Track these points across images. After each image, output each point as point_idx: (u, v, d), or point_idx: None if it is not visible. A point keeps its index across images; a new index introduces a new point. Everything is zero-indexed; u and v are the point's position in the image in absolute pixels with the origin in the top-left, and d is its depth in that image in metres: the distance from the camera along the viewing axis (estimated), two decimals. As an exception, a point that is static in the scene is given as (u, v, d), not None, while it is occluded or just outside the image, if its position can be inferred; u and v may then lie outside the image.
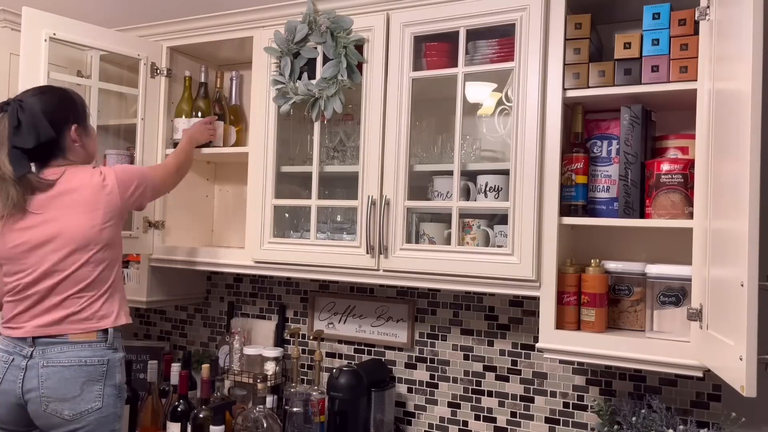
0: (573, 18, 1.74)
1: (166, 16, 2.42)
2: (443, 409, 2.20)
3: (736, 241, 1.18)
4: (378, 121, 1.93)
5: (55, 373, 1.73)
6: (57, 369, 1.73)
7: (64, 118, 1.83)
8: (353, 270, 1.98)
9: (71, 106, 1.87)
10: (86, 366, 1.75)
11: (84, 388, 1.74)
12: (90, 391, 1.74)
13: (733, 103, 1.25)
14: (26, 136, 1.75)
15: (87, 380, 1.75)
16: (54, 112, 1.80)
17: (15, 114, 1.75)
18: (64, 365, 1.74)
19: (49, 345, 1.75)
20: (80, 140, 1.87)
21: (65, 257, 1.77)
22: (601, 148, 1.81)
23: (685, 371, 1.57)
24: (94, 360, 1.77)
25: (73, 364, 1.74)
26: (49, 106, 1.80)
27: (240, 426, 2.14)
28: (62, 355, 1.74)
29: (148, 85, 2.35)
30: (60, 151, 1.84)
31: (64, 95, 1.88)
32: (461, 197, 1.86)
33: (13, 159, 1.73)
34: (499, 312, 2.13)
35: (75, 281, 1.78)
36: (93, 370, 1.76)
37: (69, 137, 1.84)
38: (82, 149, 1.88)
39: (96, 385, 1.76)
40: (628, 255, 1.86)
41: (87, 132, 1.91)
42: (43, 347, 1.75)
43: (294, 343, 2.39)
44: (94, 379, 1.76)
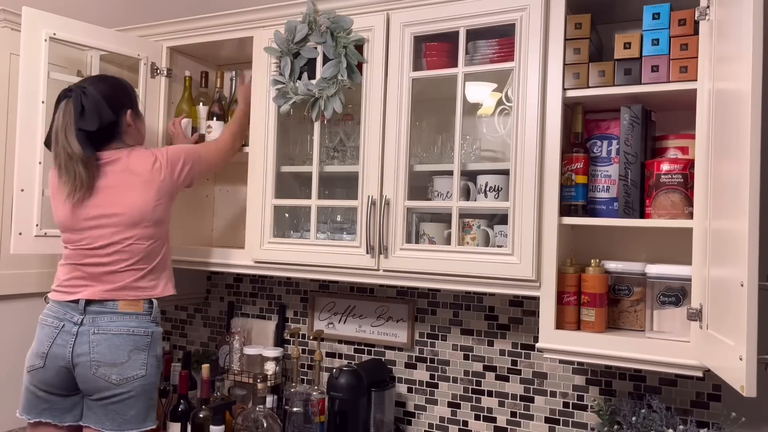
0: (573, 18, 1.74)
1: (166, 16, 2.43)
2: (443, 409, 2.20)
3: (736, 241, 1.18)
4: (378, 121, 1.93)
5: (105, 339, 1.83)
6: (107, 336, 1.84)
7: (121, 103, 1.96)
8: (353, 270, 1.98)
9: (126, 93, 2.01)
10: (133, 335, 1.87)
11: (131, 356, 1.85)
12: (136, 359, 1.86)
13: (733, 103, 1.25)
14: (90, 119, 1.86)
15: (134, 348, 1.86)
16: (113, 98, 1.93)
17: (79, 100, 1.87)
18: (114, 333, 1.85)
19: (99, 314, 1.86)
20: (134, 124, 2.00)
21: (121, 231, 1.89)
22: (601, 148, 1.81)
23: (685, 371, 1.57)
24: (140, 330, 1.88)
25: (122, 332, 1.85)
26: (109, 92, 1.93)
27: (240, 426, 2.14)
28: (112, 324, 1.85)
29: (148, 85, 2.35)
30: (118, 134, 1.96)
31: (120, 83, 2.02)
32: (461, 197, 1.86)
33: (81, 140, 1.85)
34: (499, 312, 2.13)
35: (129, 254, 1.89)
36: (139, 340, 1.87)
37: (125, 121, 1.97)
38: (136, 132, 2.02)
39: (141, 354, 1.87)
40: (628, 255, 1.86)
41: (139, 116, 2.04)
42: (93, 315, 1.86)
43: (294, 343, 2.39)
44: (140, 348, 1.87)
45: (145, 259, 1.92)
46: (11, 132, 2.18)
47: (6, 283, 2.34)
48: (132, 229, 1.90)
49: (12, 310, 2.37)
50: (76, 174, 1.85)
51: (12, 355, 2.32)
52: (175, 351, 2.76)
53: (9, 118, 2.26)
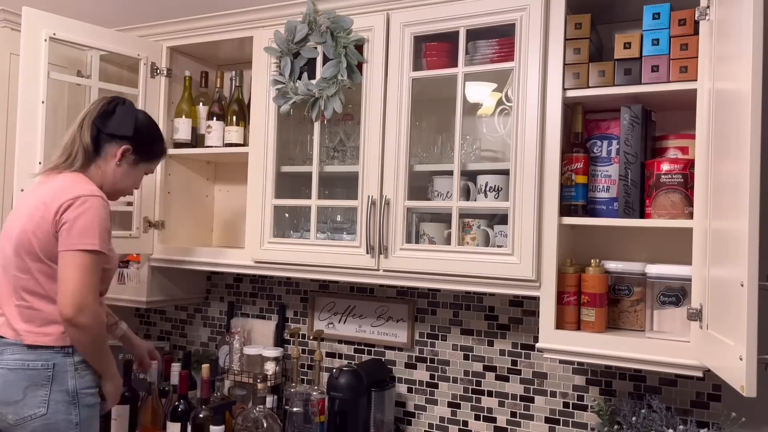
0: (573, 18, 1.74)
1: (166, 16, 2.42)
2: (443, 409, 2.20)
3: (736, 241, 1.18)
4: (378, 121, 1.93)
5: (1, 375, 1.68)
6: (3, 372, 1.68)
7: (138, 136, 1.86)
8: (353, 270, 1.98)
9: (152, 139, 1.92)
10: (28, 370, 1.68)
11: (27, 393, 1.67)
12: (33, 396, 1.67)
13: (733, 103, 1.25)
14: (111, 122, 1.82)
15: (30, 384, 1.67)
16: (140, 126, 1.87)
17: (115, 104, 1.85)
18: (9, 368, 1.68)
19: (8, 346, 1.71)
20: (120, 160, 1.84)
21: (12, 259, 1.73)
22: (601, 148, 1.81)
23: (685, 371, 1.57)
24: (38, 364, 1.68)
25: (18, 367, 1.68)
26: (142, 121, 1.89)
27: (240, 426, 2.14)
28: (11, 357, 1.69)
29: (148, 85, 2.35)
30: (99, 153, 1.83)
31: (156, 130, 1.96)
32: (461, 197, 1.86)
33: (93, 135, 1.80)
34: (499, 312, 2.13)
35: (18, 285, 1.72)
36: (35, 375, 1.68)
37: (116, 149, 1.83)
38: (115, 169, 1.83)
39: (40, 390, 1.68)
40: (628, 255, 1.86)
41: (133, 165, 1.87)
42: (2, 347, 1.71)
43: (294, 343, 2.39)
44: (37, 384, 1.68)
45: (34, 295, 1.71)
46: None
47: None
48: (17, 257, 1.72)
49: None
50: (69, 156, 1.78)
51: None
52: (175, 351, 2.76)
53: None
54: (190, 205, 2.56)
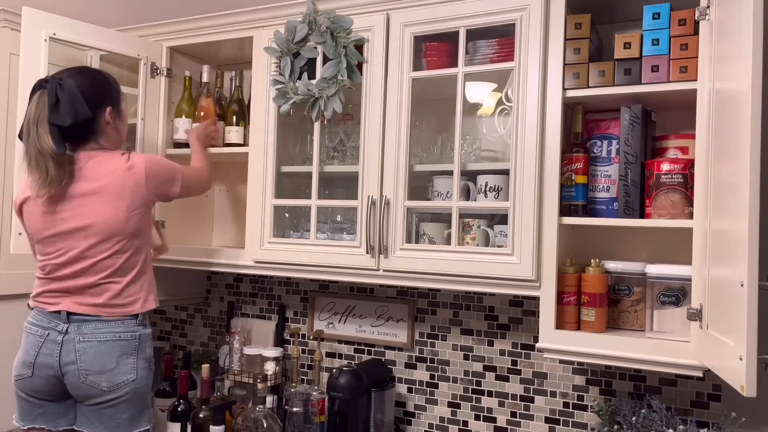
0: (573, 18, 1.74)
1: (166, 16, 2.42)
2: (443, 409, 2.20)
3: (736, 241, 1.18)
4: (378, 121, 1.93)
5: (91, 347, 1.79)
6: (93, 344, 1.80)
7: (100, 99, 1.85)
8: (353, 270, 1.98)
9: (107, 88, 1.90)
10: (120, 341, 1.82)
11: (120, 361, 1.81)
12: (125, 363, 1.82)
13: (733, 103, 1.25)
14: (64, 113, 1.75)
15: (122, 354, 1.82)
16: (91, 92, 1.83)
17: (54, 91, 1.76)
18: (99, 340, 1.80)
19: (83, 322, 1.81)
20: (113, 122, 1.89)
21: (92, 246, 1.81)
22: (601, 148, 1.81)
23: (685, 371, 1.57)
24: (127, 335, 1.83)
25: (108, 339, 1.81)
26: (87, 86, 1.82)
27: (240, 426, 2.14)
28: (97, 331, 1.81)
29: (148, 85, 2.36)
30: (93, 133, 1.86)
31: (101, 77, 1.91)
32: (461, 197, 1.86)
33: (53, 136, 1.74)
34: (499, 312, 2.13)
35: (103, 268, 1.82)
36: (127, 345, 1.83)
37: (103, 119, 1.86)
38: (115, 132, 1.91)
39: (130, 358, 1.83)
40: (628, 255, 1.86)
41: (120, 115, 1.93)
42: (77, 323, 1.81)
43: (294, 343, 2.39)
44: (128, 353, 1.83)
45: (119, 273, 1.83)
46: (11, 132, 2.18)
47: (6, 283, 2.34)
48: (103, 242, 1.80)
49: (12, 310, 2.36)
50: (47, 172, 1.73)
51: (11, 355, 2.31)
52: (175, 351, 2.76)
53: (9, 118, 2.26)
54: (190, 205, 2.55)
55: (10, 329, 2.36)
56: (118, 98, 1.93)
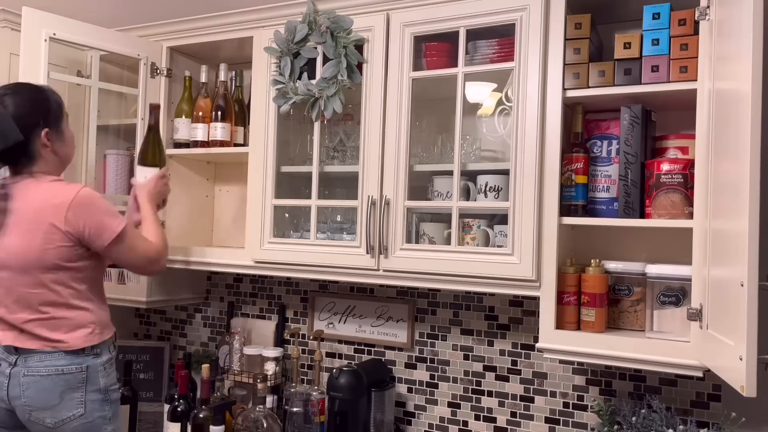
0: (573, 18, 1.74)
1: (166, 16, 2.42)
2: (443, 409, 2.20)
3: (736, 241, 1.18)
4: (378, 121, 1.93)
5: (34, 382, 1.71)
6: (36, 378, 1.71)
7: (34, 122, 1.74)
8: (353, 270, 1.98)
9: (43, 108, 1.77)
10: (63, 375, 1.72)
11: (63, 397, 1.71)
12: (70, 398, 1.72)
13: (733, 103, 1.25)
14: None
15: (66, 388, 1.72)
16: (24, 116, 1.72)
17: None
18: (42, 375, 1.71)
19: (31, 353, 1.72)
20: (51, 145, 1.78)
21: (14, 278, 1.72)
22: (601, 148, 1.81)
23: (685, 371, 1.57)
24: (72, 368, 1.73)
25: (51, 373, 1.71)
26: (20, 109, 1.72)
27: (240, 426, 2.14)
28: (41, 364, 1.72)
29: (148, 85, 2.36)
30: (27, 158, 1.76)
31: (37, 96, 1.78)
32: (461, 197, 1.86)
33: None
34: (499, 312, 2.13)
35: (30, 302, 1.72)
36: (71, 378, 1.73)
37: (39, 142, 1.75)
38: (53, 155, 1.80)
39: (76, 393, 1.73)
40: (628, 255, 1.86)
41: (60, 136, 1.81)
42: (25, 356, 1.73)
43: (294, 343, 2.39)
44: (73, 387, 1.73)
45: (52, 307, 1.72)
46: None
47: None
48: (23, 276, 1.71)
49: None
50: None
51: None
52: (175, 351, 2.76)
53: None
54: (190, 205, 2.56)
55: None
56: (57, 118, 1.80)
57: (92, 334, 1.78)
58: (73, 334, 1.75)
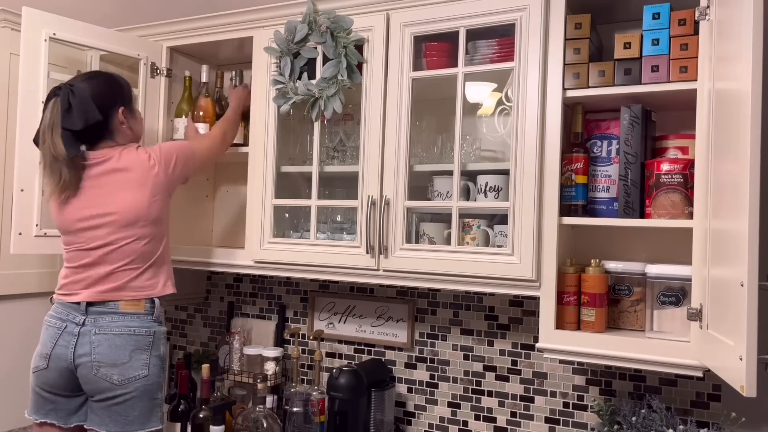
0: (573, 18, 1.74)
1: (166, 16, 2.42)
2: (443, 409, 2.20)
3: (736, 241, 1.19)
4: (378, 121, 1.93)
5: (106, 340, 1.82)
6: (108, 336, 1.82)
7: (111, 102, 1.92)
8: (353, 270, 1.98)
9: (118, 90, 1.96)
10: (135, 335, 1.85)
11: (132, 356, 1.83)
12: (138, 359, 1.84)
13: (733, 103, 1.25)
14: (76, 118, 1.83)
15: (135, 348, 1.84)
16: (102, 96, 1.89)
17: (66, 98, 1.83)
18: (114, 333, 1.83)
19: (100, 314, 1.84)
20: (127, 122, 1.95)
21: (115, 232, 1.86)
22: (601, 148, 1.81)
23: (685, 371, 1.57)
24: (142, 330, 1.86)
25: (123, 332, 1.84)
26: (98, 90, 1.90)
27: (240, 426, 2.15)
28: (113, 324, 1.84)
29: (148, 85, 2.35)
30: (108, 133, 1.92)
31: (112, 79, 1.98)
32: (461, 197, 1.86)
33: (66, 141, 1.82)
34: (499, 312, 2.13)
35: (124, 254, 1.87)
36: (141, 340, 1.86)
37: (116, 119, 1.93)
38: (129, 130, 1.97)
39: (143, 354, 1.85)
40: (628, 255, 1.86)
41: (133, 114, 2.00)
42: (95, 316, 1.84)
43: (294, 343, 2.39)
44: (141, 348, 1.85)
45: (141, 258, 1.90)
46: (11, 132, 2.18)
47: (6, 283, 2.34)
48: (127, 228, 1.87)
49: (12, 310, 2.37)
50: (60, 174, 1.83)
51: (13, 355, 2.32)
52: (175, 351, 2.76)
53: (9, 118, 2.26)
54: (190, 205, 2.56)
55: (10, 329, 2.36)
56: (129, 98, 2.00)
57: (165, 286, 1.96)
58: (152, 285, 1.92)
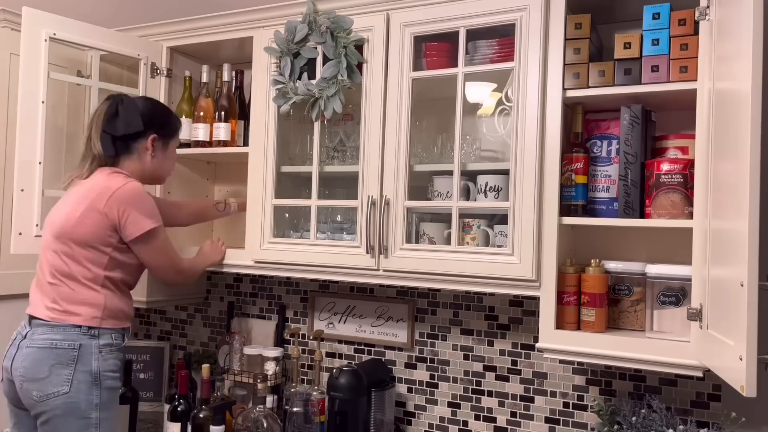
0: (573, 18, 1.74)
1: (166, 16, 2.42)
2: (443, 409, 2.20)
3: (736, 241, 1.18)
4: (378, 121, 1.93)
5: (31, 353, 1.77)
6: (32, 350, 1.77)
7: (151, 123, 1.95)
8: (353, 270, 1.98)
9: (164, 118, 2.01)
10: (56, 348, 1.76)
11: (52, 371, 1.74)
12: (58, 374, 1.74)
13: (733, 103, 1.25)
14: (118, 124, 1.89)
15: (56, 363, 1.75)
16: (147, 114, 1.95)
17: (116, 104, 1.91)
18: (38, 346, 1.77)
19: (38, 326, 1.80)
20: (153, 150, 1.96)
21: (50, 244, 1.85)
22: (601, 148, 1.81)
23: (685, 371, 1.57)
24: (65, 344, 1.77)
25: (45, 345, 1.76)
26: (146, 108, 1.96)
27: (240, 426, 2.15)
28: (40, 336, 1.78)
29: (148, 85, 2.36)
30: (127, 152, 1.93)
31: (163, 109, 2.06)
32: (461, 197, 1.86)
33: (104, 142, 1.89)
34: (499, 312, 2.13)
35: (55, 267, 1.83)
36: (62, 354, 1.76)
37: (145, 142, 1.94)
38: (149, 162, 1.96)
39: (65, 369, 1.75)
40: (628, 255, 1.86)
41: (165, 149, 2.01)
42: (34, 328, 1.81)
43: (294, 343, 2.39)
44: (62, 363, 1.75)
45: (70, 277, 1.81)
46: (11, 132, 2.19)
47: (6, 283, 2.34)
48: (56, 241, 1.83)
49: (12, 310, 2.36)
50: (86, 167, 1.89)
51: (12, 355, 2.32)
52: (175, 351, 2.76)
53: (9, 118, 2.26)
54: (190, 205, 2.55)
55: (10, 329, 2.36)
56: (170, 133, 2.02)
57: (94, 318, 1.81)
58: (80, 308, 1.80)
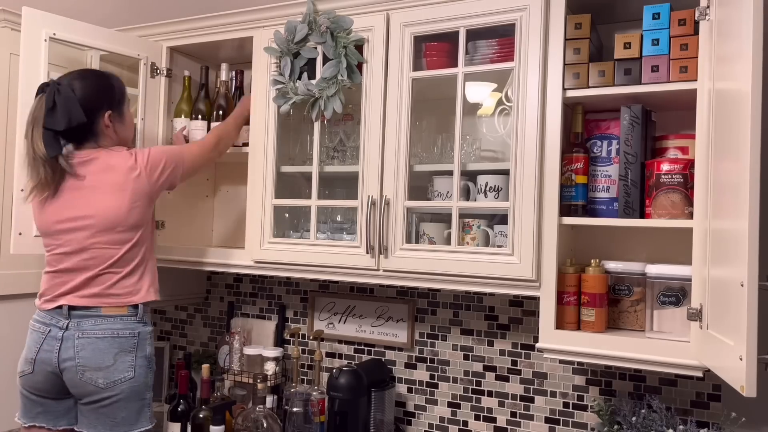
0: (573, 18, 1.74)
1: (166, 16, 2.42)
2: (443, 409, 2.20)
3: (736, 241, 1.19)
4: (378, 121, 1.93)
5: (90, 343, 1.81)
6: (91, 340, 1.81)
7: (98, 104, 1.89)
8: (353, 270, 1.98)
9: (108, 92, 1.93)
10: (118, 338, 1.84)
11: (117, 359, 1.82)
12: (123, 361, 1.83)
13: (733, 103, 1.25)
14: (59, 118, 1.81)
15: (120, 351, 1.83)
16: (89, 98, 1.86)
17: (52, 96, 1.81)
18: (98, 336, 1.82)
19: (83, 318, 1.83)
20: (113, 126, 1.92)
21: (93, 236, 1.84)
22: (601, 148, 1.81)
23: (685, 371, 1.57)
24: (126, 332, 1.85)
25: (107, 335, 1.83)
26: (85, 92, 1.86)
27: (240, 426, 2.15)
28: (96, 327, 1.82)
29: (148, 85, 2.36)
30: (92, 135, 1.90)
31: (102, 80, 1.95)
32: (461, 197, 1.86)
33: (46, 140, 1.80)
34: (499, 312, 2.13)
35: (103, 259, 1.85)
36: (125, 342, 1.84)
37: (102, 122, 1.90)
38: (114, 134, 1.94)
39: (128, 356, 1.84)
40: (628, 255, 1.86)
41: (121, 118, 1.96)
42: (77, 320, 1.83)
43: (294, 343, 2.39)
44: (126, 350, 1.84)
45: (120, 264, 1.86)
46: (11, 132, 2.18)
47: (6, 283, 2.34)
48: (105, 233, 1.84)
49: (12, 310, 2.37)
50: (38, 174, 1.82)
51: (12, 356, 2.30)
52: (175, 351, 2.76)
53: (9, 118, 2.26)
54: (190, 205, 2.56)
55: (10, 329, 2.36)
56: (119, 102, 1.96)
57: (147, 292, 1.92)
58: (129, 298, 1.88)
